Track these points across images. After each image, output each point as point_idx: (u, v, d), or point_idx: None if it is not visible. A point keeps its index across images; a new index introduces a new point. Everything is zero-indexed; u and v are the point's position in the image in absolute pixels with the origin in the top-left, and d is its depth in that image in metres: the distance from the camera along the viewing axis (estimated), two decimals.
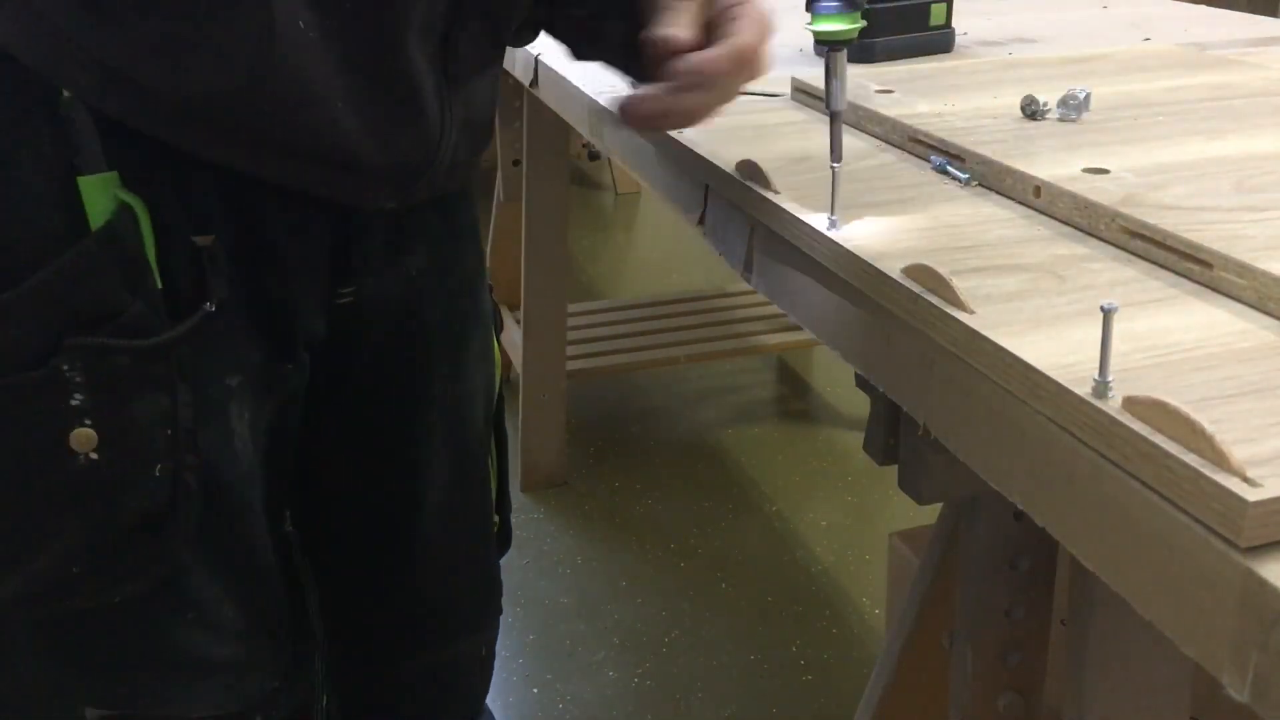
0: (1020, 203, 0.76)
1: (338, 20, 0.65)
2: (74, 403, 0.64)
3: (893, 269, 0.63)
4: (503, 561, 1.82)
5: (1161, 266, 0.65)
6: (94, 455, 0.65)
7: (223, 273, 0.68)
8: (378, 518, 0.89)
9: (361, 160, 0.70)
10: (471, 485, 0.92)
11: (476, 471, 0.92)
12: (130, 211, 0.64)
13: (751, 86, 1.09)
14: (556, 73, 1.32)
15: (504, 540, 0.98)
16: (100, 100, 0.64)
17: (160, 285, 0.66)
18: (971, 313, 0.58)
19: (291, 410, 0.78)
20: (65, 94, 0.63)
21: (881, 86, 1.00)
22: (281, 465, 0.79)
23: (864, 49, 1.22)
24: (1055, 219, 0.73)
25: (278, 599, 0.79)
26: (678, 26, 0.72)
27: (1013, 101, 0.93)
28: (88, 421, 0.64)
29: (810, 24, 0.75)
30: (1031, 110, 0.89)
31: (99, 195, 0.64)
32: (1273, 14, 1.72)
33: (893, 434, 0.82)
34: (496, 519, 0.96)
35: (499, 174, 2.29)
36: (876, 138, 0.93)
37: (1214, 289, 0.62)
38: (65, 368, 0.63)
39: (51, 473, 0.65)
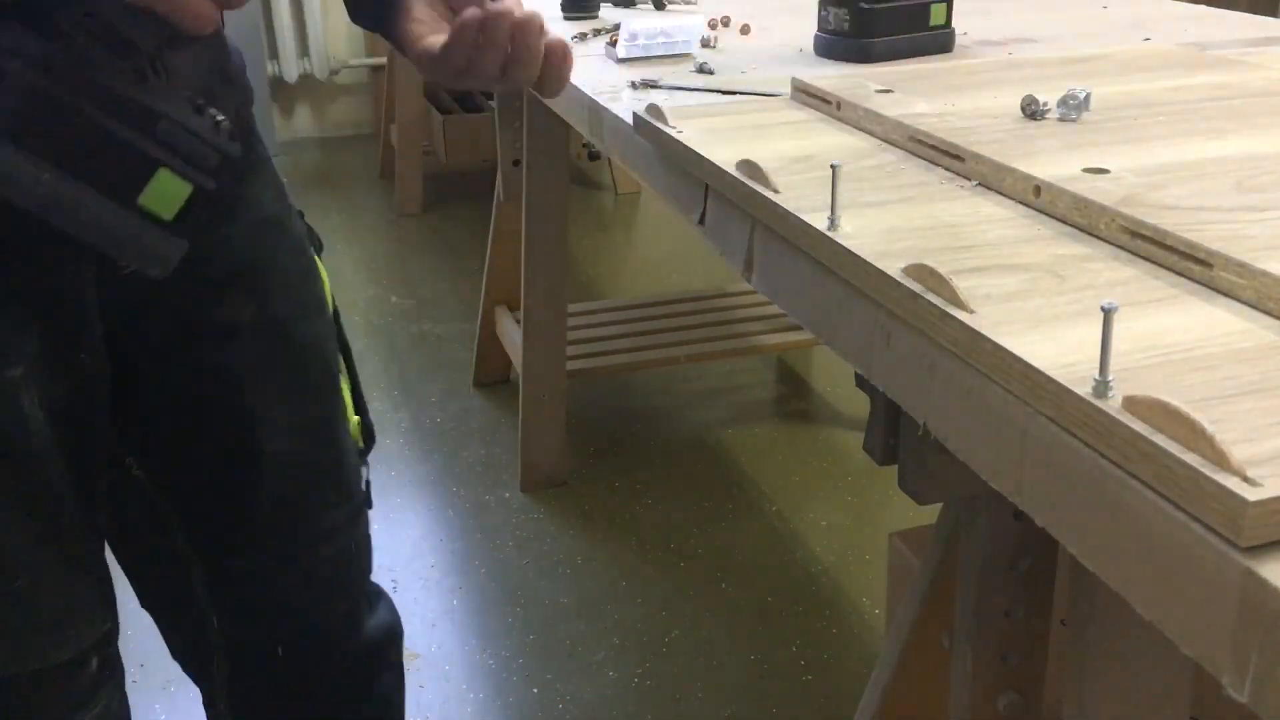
0: (1020, 203, 0.76)
1: None
2: None
3: (893, 269, 0.63)
4: (503, 560, 1.85)
5: (1161, 266, 0.65)
6: None
7: None
8: (220, 444, 0.95)
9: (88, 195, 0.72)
10: (310, 398, 0.98)
11: (315, 385, 0.98)
12: None
13: (751, 87, 1.09)
14: None
15: (367, 438, 1.05)
16: None
17: None
18: (971, 312, 0.58)
19: (92, 385, 0.84)
20: None
21: (881, 86, 1.00)
22: (91, 431, 0.85)
23: (864, 49, 1.22)
24: (1055, 219, 0.73)
25: (94, 549, 0.87)
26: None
27: (1013, 101, 0.93)
28: None
29: None
30: (1031, 110, 0.89)
31: None
32: (1273, 14, 1.72)
33: (893, 434, 0.82)
34: (357, 419, 1.02)
35: (499, 174, 2.29)
36: (876, 138, 0.93)
37: (1214, 289, 0.62)
38: None
39: None
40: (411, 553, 2.04)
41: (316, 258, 0.99)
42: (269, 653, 1.03)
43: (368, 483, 1.05)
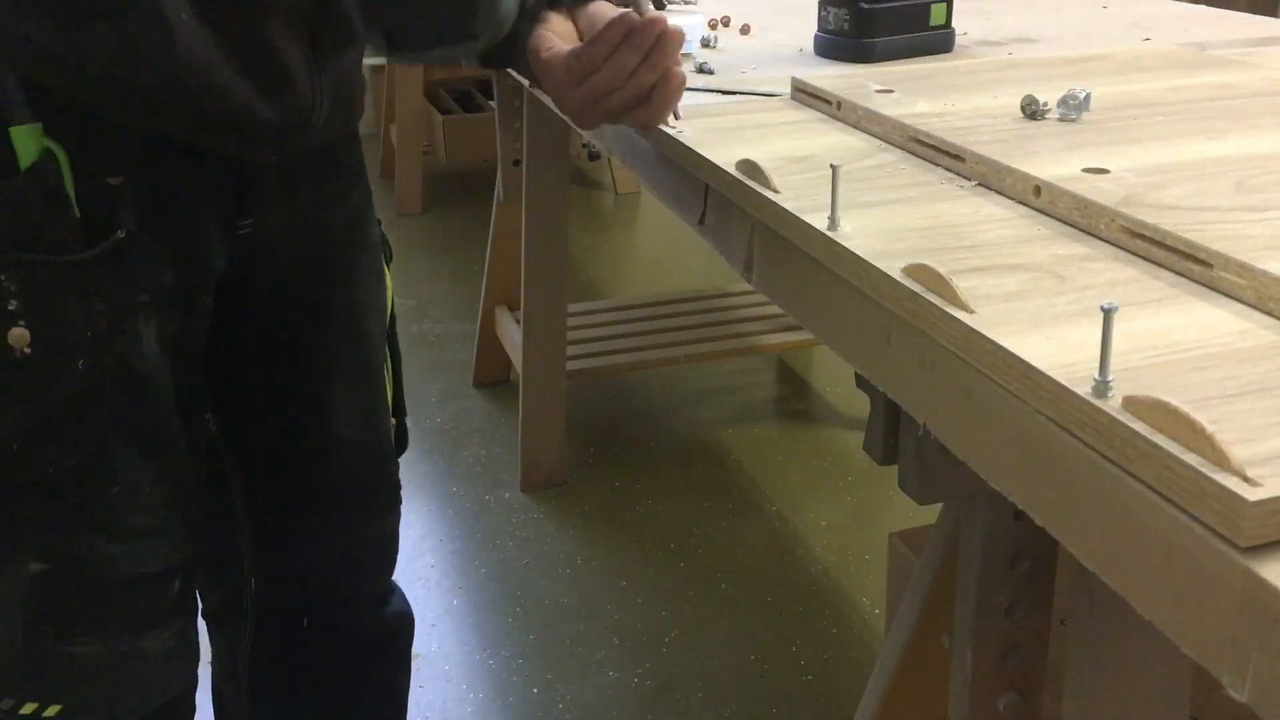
0: (1020, 203, 0.76)
1: (213, 12, 0.79)
2: (10, 307, 0.78)
3: (893, 269, 0.63)
4: (503, 560, 1.88)
5: (1161, 266, 0.65)
6: (27, 350, 0.79)
7: (131, 208, 0.82)
8: (293, 418, 1.02)
9: (244, 124, 0.84)
10: (371, 390, 1.05)
11: (375, 378, 1.06)
12: (53, 155, 0.78)
13: (752, 87, 1.09)
14: None
15: (401, 441, 1.12)
16: (28, 71, 0.77)
17: (79, 215, 0.80)
18: (971, 312, 0.58)
19: (199, 326, 0.91)
20: None
21: (881, 86, 1.00)
22: (191, 369, 0.92)
23: (864, 49, 1.22)
24: (1055, 219, 0.73)
25: (187, 478, 0.92)
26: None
27: (1013, 101, 0.93)
28: (22, 323, 0.79)
29: None
30: (1031, 110, 0.89)
31: (27, 142, 0.77)
32: (1273, 14, 1.72)
33: (893, 434, 0.82)
34: (394, 422, 1.10)
35: (499, 174, 2.29)
36: (876, 138, 0.93)
37: (1214, 289, 0.62)
38: (2, 278, 0.77)
39: None
40: (411, 553, 2.04)
41: (386, 266, 1.08)
42: (295, 622, 1.09)
43: (399, 482, 1.12)
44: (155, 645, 0.92)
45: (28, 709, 0.88)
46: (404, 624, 1.17)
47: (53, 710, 0.88)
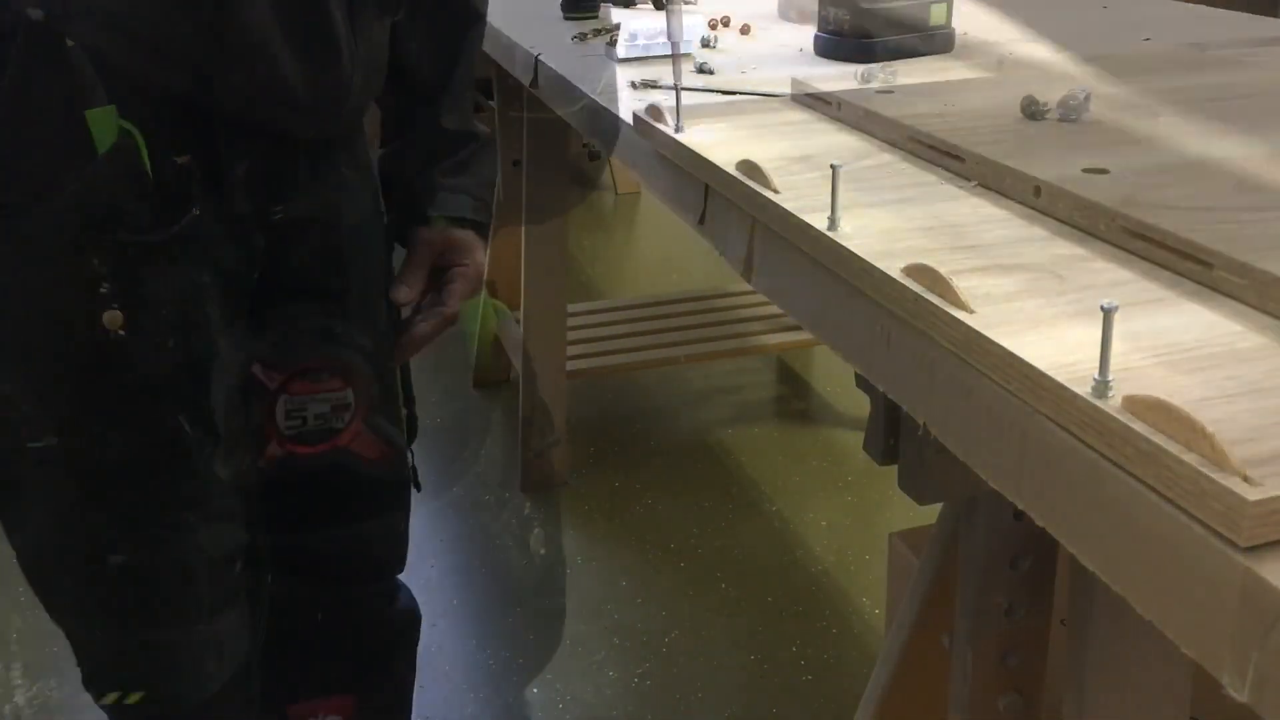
0: (1020, 203, 0.76)
1: None
2: (103, 290, 0.81)
3: (893, 269, 0.63)
4: (503, 561, 1.87)
5: (1161, 266, 0.65)
6: (122, 333, 0.82)
7: (201, 185, 0.84)
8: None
9: (294, 94, 0.87)
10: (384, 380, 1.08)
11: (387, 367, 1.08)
12: (131, 135, 0.80)
13: (752, 87, 1.09)
14: (556, 73, 1.33)
15: (411, 431, 1.14)
16: (95, 43, 0.79)
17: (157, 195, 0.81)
18: (971, 312, 0.58)
19: (241, 310, 0.93)
20: (69, 43, 0.78)
21: (882, 86, 1.00)
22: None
23: (864, 49, 1.22)
24: (1055, 219, 0.73)
25: (246, 460, 0.95)
26: (407, 286, 1.04)
27: (1013, 101, 0.93)
28: (115, 305, 0.81)
29: None
30: (1031, 110, 0.89)
31: (103, 123, 0.79)
32: (1273, 14, 1.72)
33: (893, 434, 0.82)
34: (404, 412, 1.12)
35: (499, 174, 2.29)
36: (876, 138, 0.93)
37: (1214, 289, 0.62)
38: (95, 261, 0.80)
39: (91, 347, 0.82)
40: (412, 553, 2.03)
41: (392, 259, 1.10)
42: (311, 616, 1.11)
43: (414, 468, 1.15)
44: (226, 626, 0.94)
45: (109, 699, 0.91)
46: (413, 620, 1.19)
47: (134, 698, 0.91)
